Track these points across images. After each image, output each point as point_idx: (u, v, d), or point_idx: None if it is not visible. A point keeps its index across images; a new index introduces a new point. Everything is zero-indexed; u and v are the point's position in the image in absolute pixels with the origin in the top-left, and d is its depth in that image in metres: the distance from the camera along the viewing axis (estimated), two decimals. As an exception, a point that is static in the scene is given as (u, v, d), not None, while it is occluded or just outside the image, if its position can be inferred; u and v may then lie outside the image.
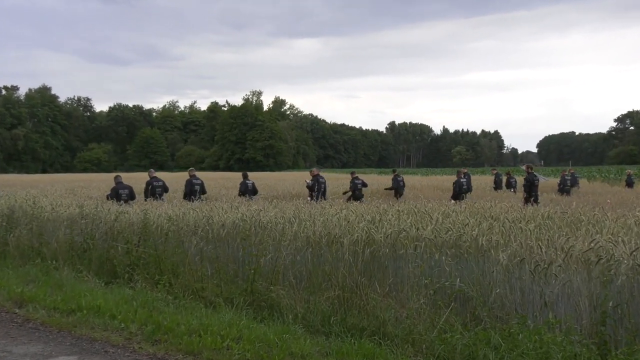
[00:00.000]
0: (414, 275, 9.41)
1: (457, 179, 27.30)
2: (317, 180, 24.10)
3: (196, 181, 23.12)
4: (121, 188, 21.75)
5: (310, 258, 10.67)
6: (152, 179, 23.15)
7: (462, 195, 25.80)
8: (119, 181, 22.24)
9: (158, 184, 22.94)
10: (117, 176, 23.03)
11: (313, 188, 24.01)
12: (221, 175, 76.91)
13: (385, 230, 10.39)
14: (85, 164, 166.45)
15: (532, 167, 26.14)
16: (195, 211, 14.00)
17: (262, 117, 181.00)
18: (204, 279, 11.21)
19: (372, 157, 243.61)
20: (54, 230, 15.26)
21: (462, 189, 26.61)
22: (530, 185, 24.05)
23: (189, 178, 23.23)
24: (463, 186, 26.83)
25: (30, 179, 63.89)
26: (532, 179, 24.33)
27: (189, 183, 22.98)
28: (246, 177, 25.49)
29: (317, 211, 13.52)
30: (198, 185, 22.99)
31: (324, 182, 24.39)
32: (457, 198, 24.60)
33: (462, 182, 26.89)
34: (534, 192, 23.94)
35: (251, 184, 25.11)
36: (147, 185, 23.01)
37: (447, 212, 13.28)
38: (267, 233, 11.60)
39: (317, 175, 24.41)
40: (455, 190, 26.53)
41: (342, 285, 9.62)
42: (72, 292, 11.20)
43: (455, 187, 26.83)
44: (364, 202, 19.82)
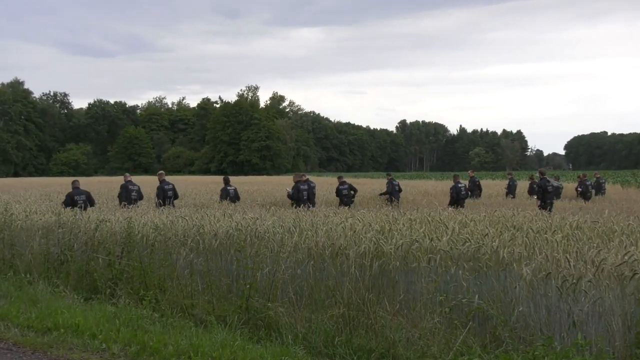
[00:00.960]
0: (428, 291, 9.42)
1: (454, 184, 27.72)
2: (297, 189, 24.44)
3: (167, 186, 23.87)
4: (77, 194, 21.98)
5: (312, 272, 10.68)
6: (127, 182, 23.86)
7: (461, 202, 26.17)
8: (75, 186, 22.52)
9: (133, 188, 23.62)
10: (74, 181, 23.39)
11: (294, 197, 24.35)
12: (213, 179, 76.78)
13: (396, 241, 10.40)
14: (62, 167, 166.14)
15: (544, 172, 26.45)
16: (184, 219, 14.02)
17: (258, 115, 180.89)
18: (194, 295, 11.22)
19: (381, 160, 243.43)
20: (27, 240, 15.28)
21: (461, 195, 26.93)
22: (542, 192, 24.48)
23: (160, 183, 24.01)
24: (461, 192, 27.18)
25: (1, 183, 63.93)
26: (545, 185, 24.73)
27: (161, 189, 23.72)
28: (228, 183, 26.17)
29: (319, 220, 13.53)
30: (170, 191, 23.79)
31: (306, 188, 24.74)
32: (455, 204, 24.88)
33: (460, 188, 27.29)
34: (548, 199, 24.32)
35: (233, 190, 25.80)
36: (121, 189, 23.67)
37: (465, 221, 13.29)
38: (264, 244, 11.62)
39: (299, 182, 24.82)
40: (453, 197, 26.98)
41: (347, 302, 9.63)
42: (48, 309, 11.22)
43: (452, 192, 27.24)
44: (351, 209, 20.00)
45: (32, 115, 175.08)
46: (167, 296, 11.33)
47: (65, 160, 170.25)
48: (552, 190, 25.39)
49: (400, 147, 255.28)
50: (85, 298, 12.28)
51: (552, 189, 25.31)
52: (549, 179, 25.71)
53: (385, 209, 18.80)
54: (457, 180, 27.78)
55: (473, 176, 35.24)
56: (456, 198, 26.57)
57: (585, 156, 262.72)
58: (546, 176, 25.72)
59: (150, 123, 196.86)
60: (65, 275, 13.50)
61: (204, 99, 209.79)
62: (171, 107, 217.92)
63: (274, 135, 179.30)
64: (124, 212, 17.26)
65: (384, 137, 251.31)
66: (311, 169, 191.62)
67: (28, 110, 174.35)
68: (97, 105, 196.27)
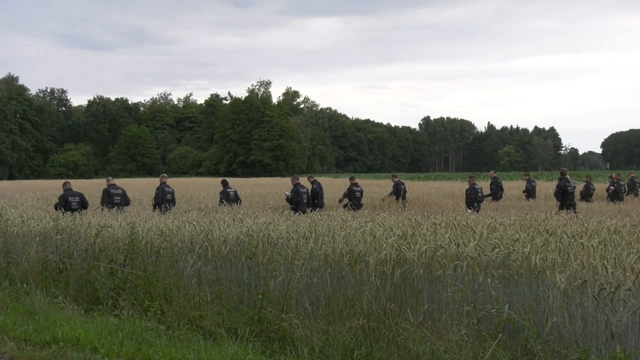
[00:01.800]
0: (454, 301, 9.41)
1: (470, 185, 28.01)
2: (296, 191, 24.87)
3: (168, 189, 24.70)
4: (71, 195, 22.41)
5: (330, 280, 10.70)
6: (109, 186, 24.23)
7: (478, 204, 26.52)
8: (68, 188, 22.94)
9: (117, 192, 24.02)
10: (65, 182, 23.85)
11: (293, 200, 24.76)
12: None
13: (419, 247, 10.40)
14: (60, 169, 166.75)
15: (565, 171, 26.48)
16: (191, 225, 14.05)
17: (270, 112, 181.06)
18: (203, 306, 11.25)
19: (403, 160, 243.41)
20: (24, 247, 15.34)
21: (478, 197, 27.09)
22: (562, 193, 24.64)
23: (160, 185, 24.79)
24: (479, 193, 27.45)
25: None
26: (565, 186, 24.90)
27: (161, 190, 24.51)
28: (227, 185, 26.99)
29: (337, 224, 13.54)
30: (170, 194, 24.64)
31: (305, 191, 25.20)
32: (472, 206, 25.02)
33: (478, 189, 27.50)
34: (568, 200, 24.52)
35: (233, 192, 26.66)
36: (103, 194, 24.12)
37: (494, 226, 13.26)
38: (277, 250, 11.64)
39: (297, 185, 25.20)
40: (470, 198, 27.24)
41: (367, 313, 9.63)
42: (46, 321, 11.26)
43: (469, 194, 27.54)
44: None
45: (28, 114, 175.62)
46: (173, 307, 11.36)
47: (64, 161, 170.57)
48: (573, 191, 25.52)
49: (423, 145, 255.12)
50: (85, 309, 12.31)
51: (572, 189, 25.44)
52: (569, 179, 25.81)
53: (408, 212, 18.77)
54: (472, 182, 28.01)
55: (495, 177, 35.35)
56: (473, 199, 26.73)
57: (624, 155, 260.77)
58: (567, 176, 25.82)
59: (155, 121, 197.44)
60: (64, 285, 13.55)
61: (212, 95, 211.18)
62: (177, 104, 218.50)
63: (288, 134, 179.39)
64: (127, 217, 17.33)
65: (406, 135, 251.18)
66: (328, 170, 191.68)
67: (23, 108, 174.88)
68: (98, 102, 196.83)
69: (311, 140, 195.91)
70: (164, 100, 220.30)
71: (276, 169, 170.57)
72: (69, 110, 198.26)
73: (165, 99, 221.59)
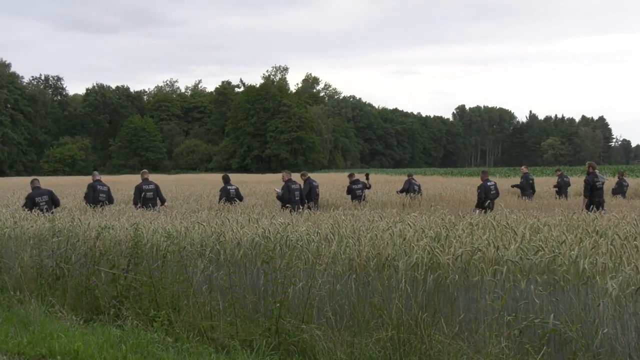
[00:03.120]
0: (493, 310, 9.40)
1: (483, 182, 27.84)
2: (287, 188, 25.63)
3: (147, 186, 25.49)
4: (38, 195, 22.85)
5: (355, 287, 10.71)
6: (95, 182, 24.92)
7: (490, 203, 26.32)
8: (35, 186, 23.45)
9: (103, 189, 24.80)
10: (33, 180, 24.36)
11: (284, 198, 25.55)
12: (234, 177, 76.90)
13: (454, 251, 10.40)
14: (56, 164, 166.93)
15: (594, 166, 26.46)
16: (202, 226, 14.08)
17: (288, 101, 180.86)
18: (214, 315, 11.28)
19: (435, 153, 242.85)
20: (17, 251, 15.39)
21: (490, 195, 26.88)
22: (591, 188, 24.76)
23: (140, 184, 25.62)
24: (491, 191, 27.22)
25: (-15, 185, 64.57)
26: (593, 181, 24.95)
27: (138, 189, 25.35)
28: (228, 182, 27.62)
29: (362, 225, 13.54)
30: (151, 192, 25.37)
31: (297, 188, 25.98)
32: (482, 206, 24.97)
33: (490, 187, 27.23)
34: (596, 197, 24.85)
35: (234, 189, 27.27)
36: (88, 189, 24.85)
37: (537, 226, 13.24)
38: (296, 254, 11.66)
39: (289, 182, 25.98)
40: (481, 197, 27.09)
41: (396, 324, 9.64)
42: (42, 333, 11.31)
43: (480, 192, 27.36)
44: None
45: (20, 104, 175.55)
46: (182, 317, 11.39)
47: (60, 156, 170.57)
48: (602, 187, 25.59)
49: (458, 137, 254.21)
50: (85, 319, 12.36)
51: (601, 185, 25.48)
52: (598, 174, 25.83)
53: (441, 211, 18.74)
54: (485, 178, 27.83)
55: (527, 172, 35.41)
56: (484, 198, 26.54)
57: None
58: (596, 171, 25.87)
59: (160, 111, 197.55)
60: (61, 293, 13.59)
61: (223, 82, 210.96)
62: (184, 93, 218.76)
63: (307, 125, 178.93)
64: (131, 218, 17.39)
65: (439, 126, 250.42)
66: (352, 165, 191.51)
67: (15, 97, 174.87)
68: (97, 91, 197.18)
69: (333, 132, 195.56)
70: (170, 88, 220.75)
71: (294, 164, 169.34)
72: (65, 100, 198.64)
73: (171, 86, 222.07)
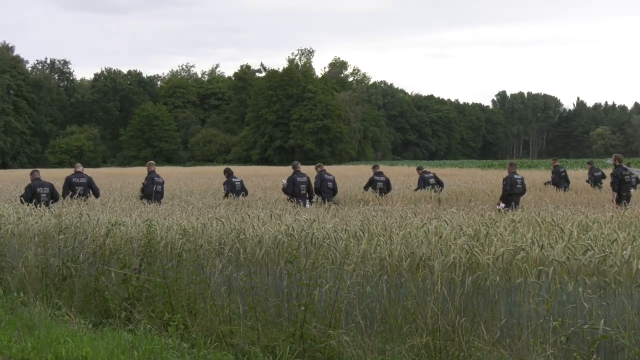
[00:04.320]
0: (537, 314, 9.38)
1: (509, 174, 27.66)
2: (293, 181, 25.91)
3: (158, 179, 26.36)
4: (40, 186, 23.40)
5: (386, 289, 10.71)
6: (75, 174, 25.37)
7: (516, 198, 26.27)
8: (36, 177, 24.05)
9: (80, 181, 25.05)
10: (33, 171, 25.06)
11: (288, 191, 25.87)
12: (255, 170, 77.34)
13: (495, 250, 10.37)
14: (62, 156, 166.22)
15: (621, 158, 26.41)
16: (220, 222, 14.09)
17: (313, 87, 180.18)
18: (234, 319, 11.31)
19: (473, 144, 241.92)
20: (20, 249, 15.48)
21: (516, 189, 26.69)
22: (619, 182, 24.83)
23: (150, 174, 26.37)
24: (517, 185, 27.03)
25: (-14, 177, 64.92)
26: (622, 174, 24.99)
27: (151, 180, 26.15)
28: (231, 175, 28.21)
29: (394, 222, 13.52)
30: (161, 185, 26.27)
31: (305, 181, 26.23)
32: (507, 201, 24.88)
33: (516, 180, 27.02)
34: (624, 191, 25.09)
35: (239, 182, 27.88)
36: (66, 183, 25.13)
37: (586, 223, 13.18)
38: (323, 253, 11.67)
39: (296, 174, 26.26)
40: (506, 189, 26.94)
41: (432, 329, 9.64)
42: (48, 337, 11.35)
43: (505, 185, 27.19)
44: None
45: (24, 90, 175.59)
46: (198, 321, 11.42)
47: (66, 147, 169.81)
48: (630, 180, 25.59)
49: (498, 126, 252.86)
50: (94, 323, 12.41)
51: (630, 179, 25.49)
52: (627, 167, 25.88)
53: (480, 206, 18.71)
54: (512, 170, 27.71)
55: (557, 165, 35.50)
56: (510, 191, 26.40)
57: None
58: (623, 164, 25.89)
59: (174, 98, 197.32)
60: (68, 294, 13.66)
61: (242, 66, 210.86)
62: (201, 78, 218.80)
63: (334, 113, 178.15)
64: (143, 213, 17.45)
65: (478, 114, 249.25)
66: (382, 157, 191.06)
67: (18, 83, 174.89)
68: (106, 76, 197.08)
69: (362, 120, 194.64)
70: (185, 73, 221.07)
71: (320, 156, 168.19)
72: (72, 86, 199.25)
73: (186, 71, 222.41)
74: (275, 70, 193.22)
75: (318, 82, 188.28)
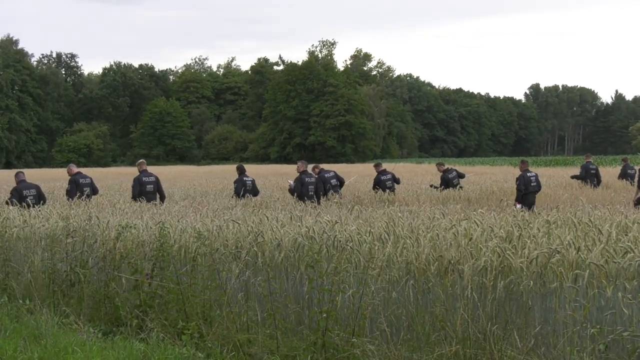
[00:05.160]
0: (574, 321, 9.36)
1: (522, 172, 27.62)
2: (301, 181, 26.01)
3: (147, 179, 26.31)
4: (26, 188, 23.90)
5: (413, 295, 10.70)
6: (77, 174, 26.01)
7: (532, 197, 26.29)
8: (21, 179, 24.44)
9: (86, 182, 25.59)
10: (18, 172, 25.38)
11: (296, 192, 26.01)
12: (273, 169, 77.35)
13: (529, 253, 10.34)
14: (69, 154, 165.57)
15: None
16: (236, 224, 14.10)
17: (334, 81, 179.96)
18: (252, 327, 11.32)
19: (505, 140, 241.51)
20: (26, 253, 15.50)
21: (530, 187, 26.57)
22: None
23: (139, 175, 26.34)
24: (531, 183, 26.93)
25: (-11, 178, 65.16)
26: None
27: (138, 182, 26.02)
28: (243, 173, 28.04)
29: (421, 223, 13.51)
30: (151, 185, 26.17)
31: (312, 181, 26.40)
32: (523, 201, 24.84)
33: (530, 177, 26.92)
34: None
35: (251, 181, 27.80)
36: (72, 184, 25.65)
37: (625, 224, 13.14)
38: (346, 257, 11.66)
39: (304, 174, 26.46)
40: (520, 189, 26.80)
41: (462, 337, 9.63)
42: (55, 347, 11.38)
43: (519, 184, 27.01)
44: None
45: (29, 85, 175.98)
46: (214, 329, 11.44)
47: (74, 145, 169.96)
48: None
49: (531, 121, 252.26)
50: (104, 332, 12.44)
51: None
52: None
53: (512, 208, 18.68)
54: (524, 168, 27.59)
55: (589, 161, 35.71)
56: (524, 191, 26.29)
57: None
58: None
59: (188, 93, 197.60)
60: (76, 302, 13.70)
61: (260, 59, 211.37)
62: (216, 72, 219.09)
63: (357, 108, 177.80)
64: (155, 215, 17.48)
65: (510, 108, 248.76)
66: (409, 154, 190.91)
67: (23, 78, 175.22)
68: (116, 70, 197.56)
69: (387, 116, 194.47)
70: (199, 66, 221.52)
71: (342, 153, 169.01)
72: (80, 81, 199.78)
73: (200, 65, 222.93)
74: (294, 63, 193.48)
75: (340, 75, 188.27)
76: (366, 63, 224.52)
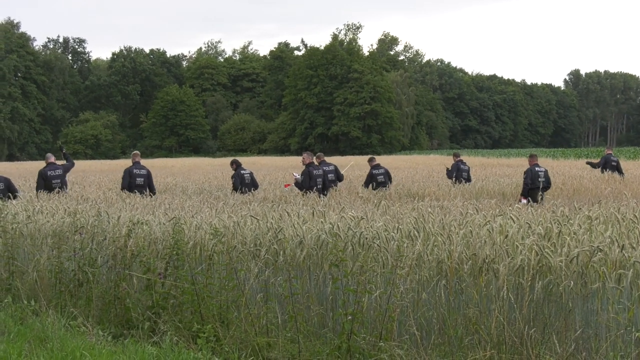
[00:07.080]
0: (617, 324, 9.35)
1: (530, 166, 27.66)
2: (308, 174, 26.10)
3: (139, 171, 26.58)
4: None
5: (444, 296, 10.72)
6: (47, 166, 26.20)
7: (539, 192, 26.13)
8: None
9: (55, 174, 25.94)
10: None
11: (303, 185, 26.06)
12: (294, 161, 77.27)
13: (569, 251, 10.33)
14: (76, 146, 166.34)
15: None
16: (255, 220, 14.12)
17: (359, 67, 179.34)
18: (271, 330, 11.34)
19: (542, 130, 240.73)
20: (31, 251, 15.58)
21: (538, 182, 26.51)
22: None
23: (131, 166, 26.76)
24: (539, 178, 26.89)
25: (-10, 170, 65.33)
26: None
27: (127, 174, 26.44)
28: (240, 166, 28.36)
29: (453, 219, 13.50)
30: (142, 178, 26.49)
31: (320, 174, 26.64)
32: (529, 196, 24.74)
33: (538, 172, 26.86)
34: None
35: (249, 174, 28.17)
36: (39, 177, 26.05)
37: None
38: (372, 255, 11.68)
39: (311, 166, 26.56)
40: (527, 183, 26.87)
41: (497, 341, 9.64)
42: (62, 351, 11.42)
43: (526, 178, 27.13)
44: None
45: (33, 72, 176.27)
46: (231, 332, 11.46)
47: (81, 136, 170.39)
48: None
49: (571, 110, 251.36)
50: (114, 335, 12.44)
51: None
52: None
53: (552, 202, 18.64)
54: (533, 162, 27.59)
55: (610, 153, 35.72)
56: (531, 185, 26.24)
57: None
58: None
59: (202, 80, 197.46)
60: (85, 302, 13.73)
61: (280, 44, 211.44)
62: (232, 57, 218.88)
63: (383, 96, 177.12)
64: (168, 211, 17.50)
65: (548, 96, 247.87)
66: (439, 145, 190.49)
67: (26, 64, 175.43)
68: (125, 55, 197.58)
69: (415, 104, 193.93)
70: (214, 51, 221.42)
71: (368, 144, 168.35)
72: (87, 67, 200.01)
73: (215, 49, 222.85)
74: (316, 47, 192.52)
75: (365, 60, 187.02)
76: (393, 47, 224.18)
